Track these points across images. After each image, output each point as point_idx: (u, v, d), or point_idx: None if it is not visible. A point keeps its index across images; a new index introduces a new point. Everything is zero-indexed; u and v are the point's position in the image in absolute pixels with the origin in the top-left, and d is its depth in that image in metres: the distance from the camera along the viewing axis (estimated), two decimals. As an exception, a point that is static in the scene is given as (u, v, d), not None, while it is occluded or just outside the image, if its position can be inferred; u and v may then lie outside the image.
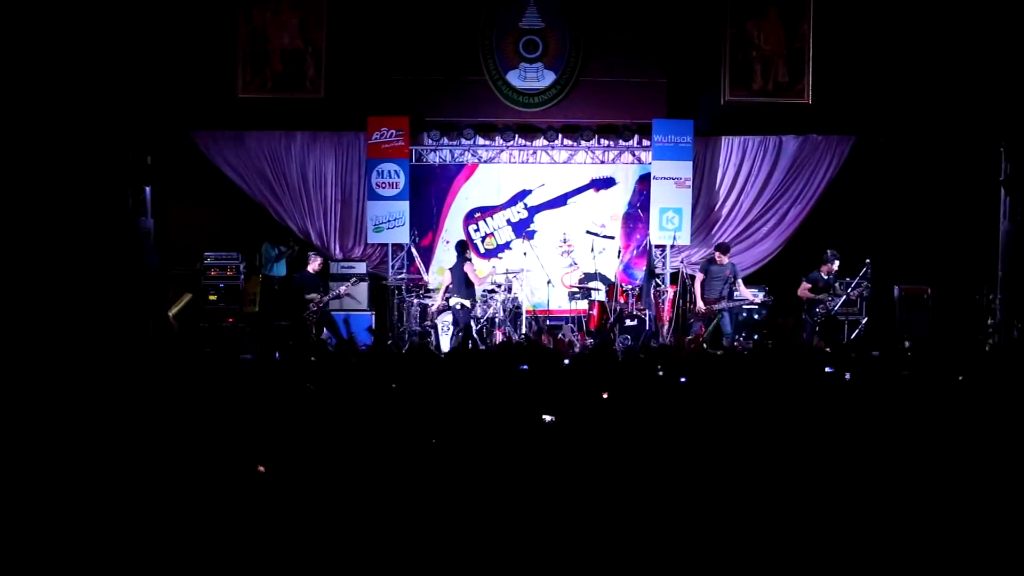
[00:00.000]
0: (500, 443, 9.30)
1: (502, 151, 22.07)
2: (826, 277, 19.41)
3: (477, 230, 22.09)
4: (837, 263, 19.40)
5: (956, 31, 20.40)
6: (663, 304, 20.92)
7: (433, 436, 9.34)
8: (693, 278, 20.17)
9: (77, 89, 18.95)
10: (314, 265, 20.19)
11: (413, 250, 21.48)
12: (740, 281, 19.99)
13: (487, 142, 22.05)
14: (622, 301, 20.63)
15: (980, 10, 20.05)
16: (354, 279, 20.73)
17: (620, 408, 10.88)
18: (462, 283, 19.66)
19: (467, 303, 19.67)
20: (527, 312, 20.79)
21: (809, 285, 19.52)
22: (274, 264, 21.59)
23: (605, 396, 12.12)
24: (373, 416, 10.93)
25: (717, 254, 19.95)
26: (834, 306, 19.20)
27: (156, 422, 11.09)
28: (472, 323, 19.80)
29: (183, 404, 12.04)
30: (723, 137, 21.88)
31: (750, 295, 20.17)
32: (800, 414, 11.15)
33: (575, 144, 21.95)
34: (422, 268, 21.43)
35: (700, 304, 19.73)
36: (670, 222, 21.27)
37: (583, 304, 20.71)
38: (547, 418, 11.18)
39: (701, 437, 10.16)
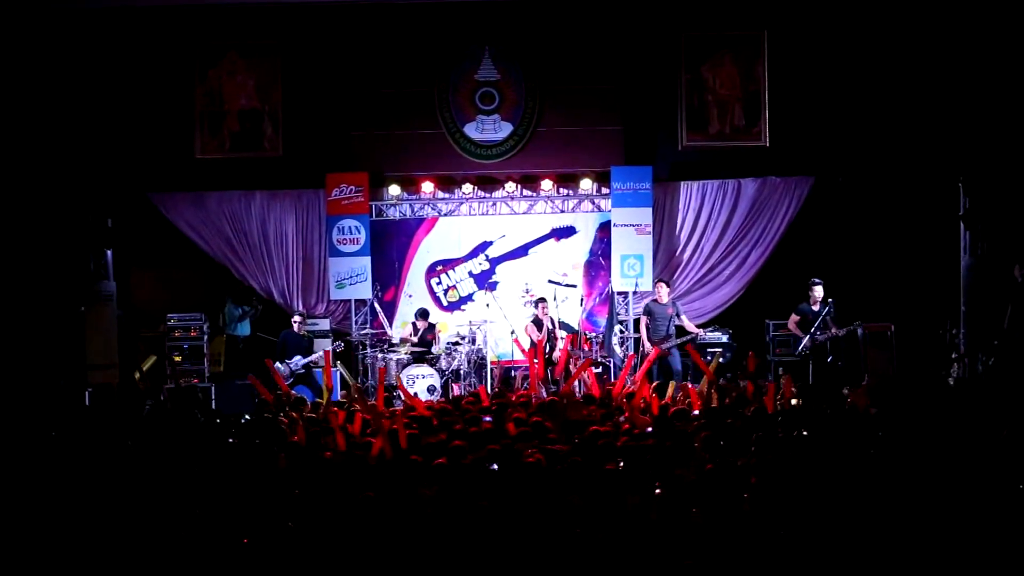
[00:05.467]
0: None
1: (462, 203, 22.10)
2: (815, 308, 19.38)
3: (439, 283, 22.11)
4: (818, 289, 19.40)
5: (910, 69, 20.49)
6: (627, 351, 20.94)
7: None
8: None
9: (36, 154, 19.08)
10: (297, 326, 20.41)
11: (376, 305, 21.47)
12: (684, 317, 20.03)
13: (446, 195, 22.09)
14: (586, 349, 20.57)
15: (934, 48, 20.13)
16: (338, 343, 20.74)
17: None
18: None
19: None
20: (491, 363, 20.71)
21: (797, 317, 19.56)
22: (238, 324, 21.68)
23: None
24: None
25: (659, 286, 20.27)
26: (819, 339, 19.24)
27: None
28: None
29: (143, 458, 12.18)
30: (682, 182, 21.90)
31: (695, 329, 20.08)
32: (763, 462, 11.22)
33: (534, 194, 21.99)
34: (385, 323, 21.36)
35: (648, 346, 19.75)
36: (632, 269, 21.28)
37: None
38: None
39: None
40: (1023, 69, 18.77)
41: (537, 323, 20.39)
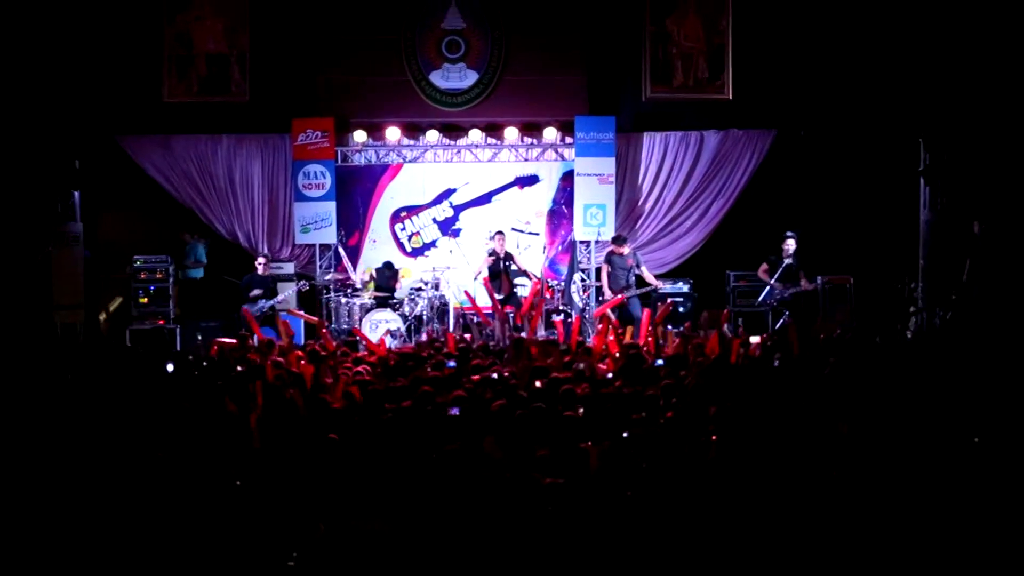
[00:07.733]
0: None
1: (426, 151, 22.21)
2: (786, 260, 19.65)
3: (403, 229, 22.25)
4: (791, 242, 19.69)
5: (873, 24, 20.62)
6: (587, 300, 21.15)
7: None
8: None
9: (3, 95, 19.06)
10: (261, 268, 20.51)
11: (340, 250, 21.64)
12: (644, 268, 20.28)
13: (412, 142, 22.17)
14: (548, 297, 20.75)
15: (897, 3, 20.28)
16: (303, 283, 20.92)
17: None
18: None
19: None
20: (454, 308, 20.88)
21: (766, 266, 19.84)
22: (190, 269, 21.80)
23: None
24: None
25: (614, 247, 20.38)
26: (783, 294, 19.58)
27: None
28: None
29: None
30: (645, 133, 22.03)
31: (654, 281, 20.40)
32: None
33: (499, 143, 22.10)
34: (349, 268, 21.52)
35: (608, 294, 20.01)
36: (594, 218, 21.42)
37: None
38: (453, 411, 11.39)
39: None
40: (984, 27, 18.92)
41: (493, 255, 20.70)
